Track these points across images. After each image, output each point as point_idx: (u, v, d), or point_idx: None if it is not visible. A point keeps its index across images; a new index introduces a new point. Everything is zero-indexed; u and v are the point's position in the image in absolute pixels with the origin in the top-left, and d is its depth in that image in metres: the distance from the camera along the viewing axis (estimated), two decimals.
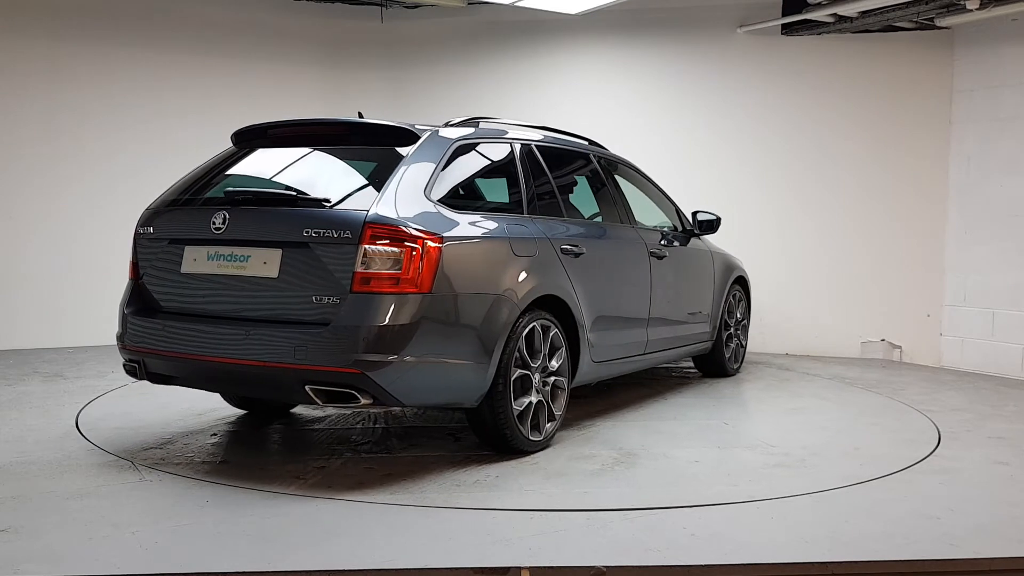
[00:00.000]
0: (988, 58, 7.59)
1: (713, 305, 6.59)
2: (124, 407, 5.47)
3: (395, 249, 3.85)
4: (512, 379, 4.30)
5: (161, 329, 4.24)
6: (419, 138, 4.33)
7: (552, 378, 4.63)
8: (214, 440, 4.73)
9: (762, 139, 8.24)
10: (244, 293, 4.09)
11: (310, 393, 3.90)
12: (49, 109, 7.81)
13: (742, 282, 7.16)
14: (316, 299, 3.90)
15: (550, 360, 4.61)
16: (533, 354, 4.48)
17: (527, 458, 4.42)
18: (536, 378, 4.50)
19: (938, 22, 7.57)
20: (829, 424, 5.37)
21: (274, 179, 4.46)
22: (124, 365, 4.48)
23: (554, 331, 4.62)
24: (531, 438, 4.46)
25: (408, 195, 4.04)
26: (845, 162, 8.10)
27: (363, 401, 3.84)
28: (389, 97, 8.99)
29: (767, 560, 3.18)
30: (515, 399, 4.35)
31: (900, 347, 8.10)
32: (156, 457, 4.35)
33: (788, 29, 7.97)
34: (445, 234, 4.04)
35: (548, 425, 4.60)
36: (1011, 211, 7.47)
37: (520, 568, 3.05)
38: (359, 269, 3.83)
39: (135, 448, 4.51)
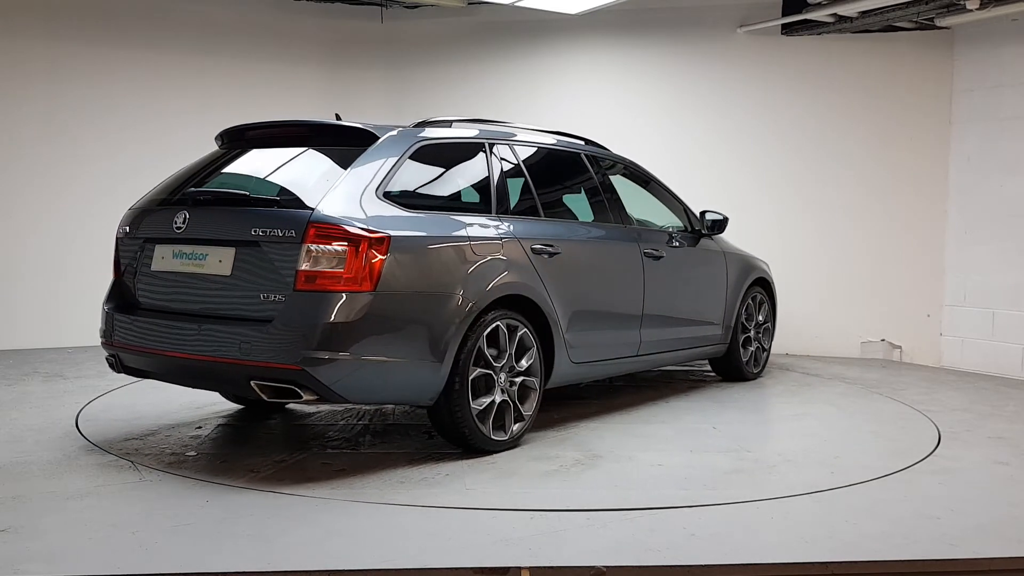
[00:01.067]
0: (988, 58, 7.58)
1: (726, 307, 6.43)
2: (124, 407, 5.47)
3: (338, 248, 3.91)
4: (471, 378, 4.31)
5: (131, 324, 4.41)
6: (378, 139, 4.40)
7: (520, 378, 4.61)
8: (199, 435, 4.73)
9: (762, 139, 8.24)
10: (202, 290, 4.22)
11: (255, 388, 3.98)
12: (49, 109, 7.82)
13: (764, 284, 6.94)
14: (264, 296, 3.99)
15: (519, 360, 4.61)
16: (498, 353, 4.48)
17: (488, 457, 4.41)
18: (502, 377, 4.51)
19: (938, 22, 7.58)
20: (825, 431, 5.24)
21: (238, 179, 4.56)
22: (106, 359, 4.64)
23: (523, 331, 4.61)
24: (494, 437, 4.46)
25: (357, 194, 4.10)
26: (845, 162, 8.10)
27: (306, 397, 3.91)
28: (389, 97, 8.99)
29: (767, 560, 3.18)
30: (475, 398, 4.36)
31: (900, 347, 8.10)
32: (156, 457, 4.35)
33: (788, 29, 7.98)
34: (394, 233, 4.06)
35: (516, 425, 4.59)
36: (1011, 211, 7.47)
37: (520, 568, 3.05)
38: (302, 267, 3.91)
39: (135, 448, 4.51)
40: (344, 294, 3.89)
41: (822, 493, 3.99)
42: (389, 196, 4.21)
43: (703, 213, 6.40)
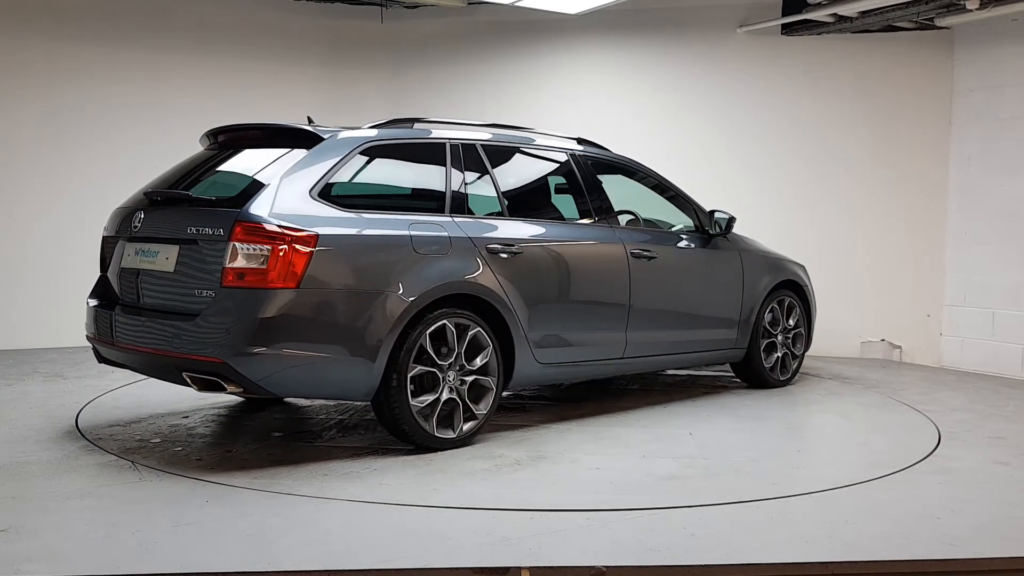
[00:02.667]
0: (988, 58, 7.59)
1: (742, 310, 6.18)
2: (124, 407, 5.47)
3: (262, 246, 4.04)
4: (410, 375, 4.36)
5: (104, 318, 4.65)
6: (322, 140, 4.50)
7: (472, 377, 4.62)
8: (199, 434, 4.73)
9: (762, 139, 8.24)
10: (153, 286, 4.46)
11: (187, 380, 4.19)
12: (50, 109, 7.81)
13: (794, 287, 6.62)
14: (197, 292, 4.18)
15: (473, 359, 4.63)
16: (445, 352, 4.51)
17: (432, 455, 4.44)
18: (451, 376, 4.54)
19: (938, 22, 7.58)
20: (807, 442, 5.04)
21: (194, 180, 4.69)
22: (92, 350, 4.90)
23: (475, 330, 4.62)
24: (439, 435, 4.50)
25: (289, 195, 4.21)
26: (845, 162, 8.11)
27: (230, 389, 4.10)
28: (389, 97, 8.99)
29: (767, 560, 3.18)
30: (416, 396, 4.42)
31: (900, 347, 8.10)
32: (156, 457, 4.35)
33: (788, 29, 7.98)
34: (322, 232, 4.15)
35: (468, 424, 4.61)
36: (1011, 211, 7.47)
37: (520, 568, 3.05)
38: (228, 264, 4.07)
39: (135, 448, 4.51)
40: (266, 291, 4.02)
41: (822, 493, 3.99)
42: (326, 196, 4.32)
43: (711, 213, 6.19)
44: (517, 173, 5.41)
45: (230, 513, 3.56)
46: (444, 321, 4.49)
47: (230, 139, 4.95)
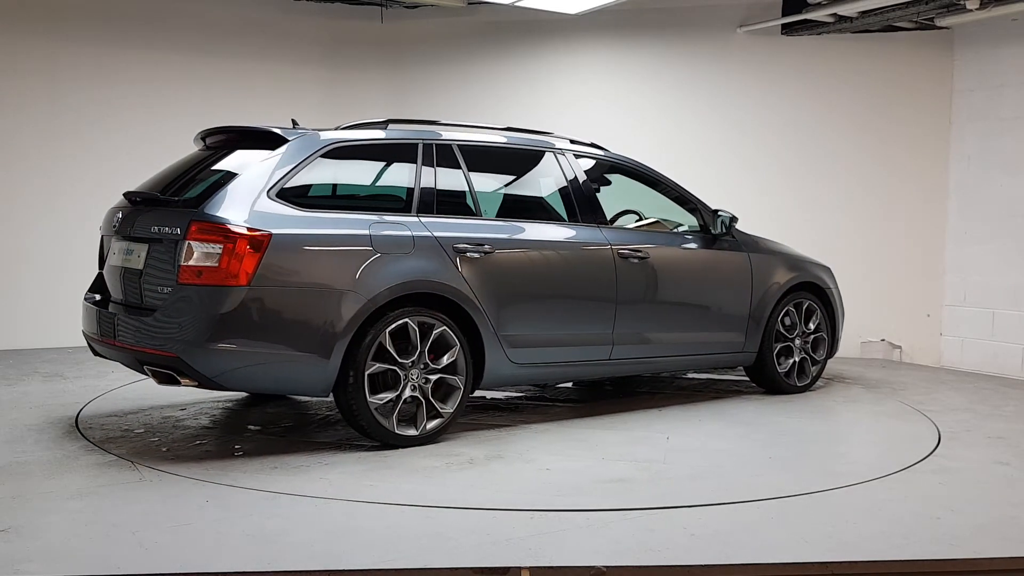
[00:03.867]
0: (988, 58, 7.59)
1: (751, 312, 5.99)
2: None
3: (215, 244, 4.18)
4: (367, 373, 4.43)
5: (88, 313, 4.91)
6: (287, 142, 4.60)
7: (437, 376, 4.65)
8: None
9: (762, 138, 8.24)
10: (129, 283, 4.64)
11: (148, 373, 4.39)
12: (50, 110, 7.81)
13: (815, 289, 6.40)
14: (160, 289, 4.36)
15: (440, 358, 4.66)
16: (407, 350, 4.56)
17: (390, 451, 4.49)
18: (415, 374, 4.58)
19: (938, 22, 7.58)
20: (789, 449, 4.77)
21: (175, 180, 4.81)
22: None
23: (441, 329, 4.65)
24: (399, 432, 4.55)
25: (245, 195, 4.34)
26: (845, 162, 8.11)
27: (184, 382, 4.26)
28: (389, 97, 8.98)
29: (767, 560, 3.18)
30: (376, 393, 4.49)
31: (900, 347, 8.10)
32: (156, 456, 4.35)
33: (788, 29, 7.98)
34: (276, 231, 4.26)
35: (434, 423, 4.65)
36: (1011, 211, 7.47)
37: (520, 568, 3.05)
38: (183, 262, 4.22)
39: (135, 448, 4.51)
40: (219, 288, 4.15)
41: (822, 493, 3.99)
42: (285, 196, 4.42)
43: (715, 213, 6.04)
44: (496, 173, 5.46)
45: (230, 513, 3.57)
46: (406, 320, 4.54)
47: (214, 141, 5.05)
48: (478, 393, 6.07)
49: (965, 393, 6.57)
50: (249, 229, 4.21)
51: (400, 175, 4.92)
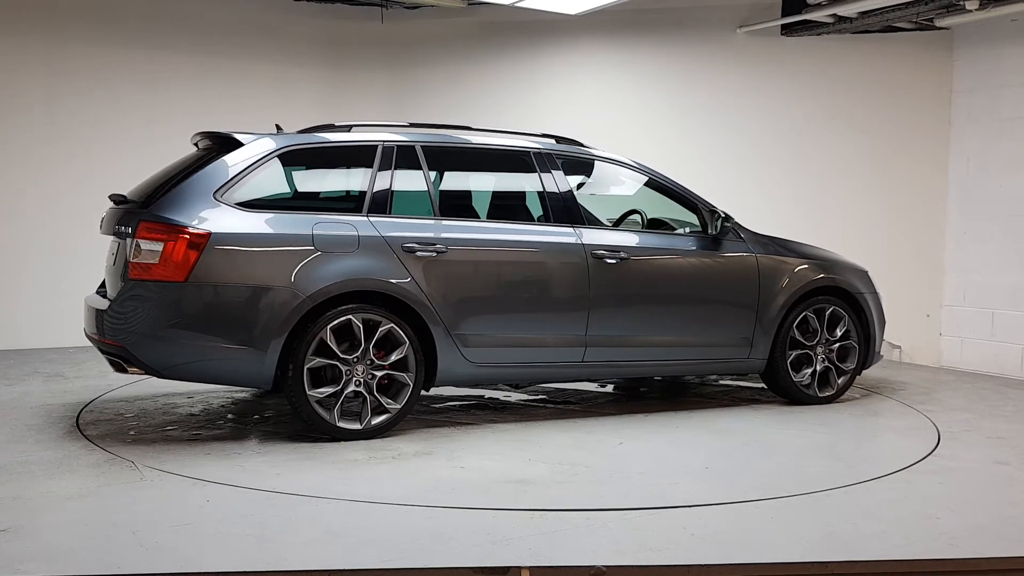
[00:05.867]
0: (988, 58, 7.59)
1: (758, 317, 5.69)
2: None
3: (157, 242, 4.49)
4: (307, 367, 4.59)
5: (86, 309, 5.04)
6: (242, 145, 4.83)
7: (383, 372, 4.74)
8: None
9: (761, 139, 8.24)
10: (111, 279, 4.93)
11: (108, 361, 4.75)
12: (51, 111, 7.81)
13: (840, 293, 5.98)
14: (120, 283, 4.63)
15: (388, 355, 4.75)
16: (350, 346, 4.68)
17: (324, 444, 4.63)
18: (360, 370, 4.70)
19: (938, 22, 7.58)
20: (729, 459, 4.57)
21: (154, 182, 4.98)
22: None
23: (388, 326, 4.73)
24: (341, 425, 4.69)
25: (194, 196, 4.62)
26: (844, 162, 8.11)
27: (131, 371, 4.61)
28: (389, 97, 8.99)
29: (767, 560, 3.19)
30: (317, 387, 4.64)
31: (900, 347, 8.10)
32: (156, 456, 4.36)
33: (788, 30, 7.98)
34: (216, 230, 4.51)
35: (380, 418, 4.75)
36: (1011, 211, 7.47)
37: (520, 568, 3.05)
38: (131, 259, 4.54)
39: (136, 447, 4.52)
40: (160, 283, 4.48)
41: (822, 493, 3.99)
42: (231, 197, 4.65)
43: (712, 212, 5.82)
44: (464, 175, 5.53)
45: (230, 513, 3.57)
46: (349, 317, 4.66)
47: (201, 144, 5.22)
48: (477, 392, 6.09)
49: (965, 393, 6.57)
50: (188, 228, 4.48)
51: (355, 177, 5.05)
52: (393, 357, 4.76)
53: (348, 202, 4.98)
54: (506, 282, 5.16)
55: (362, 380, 4.71)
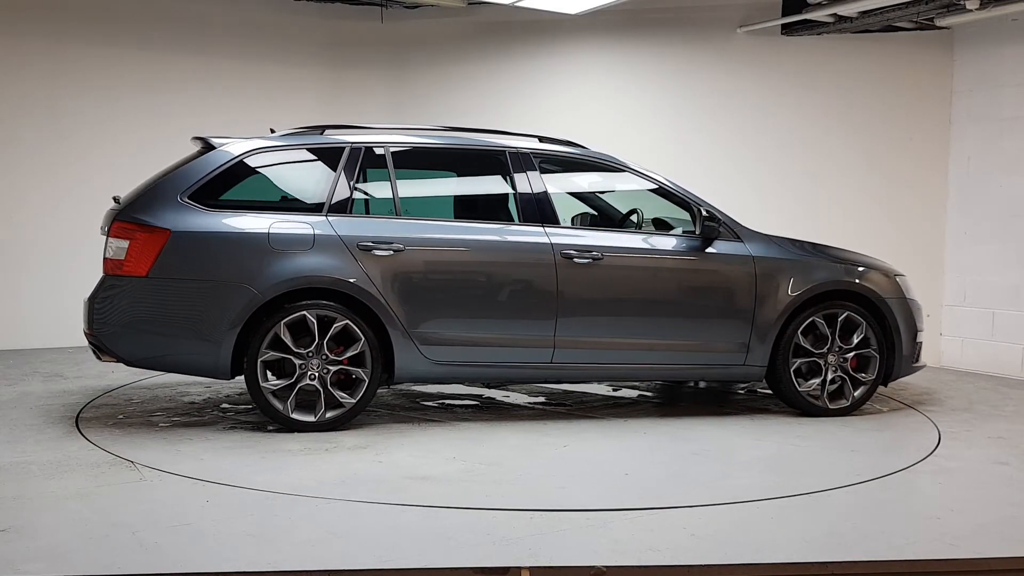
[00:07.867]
0: (988, 58, 7.59)
1: (754, 321, 5.45)
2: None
3: (124, 240, 4.84)
4: (261, 360, 4.81)
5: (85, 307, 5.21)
6: (214, 148, 5.07)
7: (337, 367, 4.90)
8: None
9: (761, 139, 8.23)
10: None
11: (91, 349, 5.04)
12: (51, 112, 7.81)
13: (858, 298, 5.66)
14: (103, 279, 4.94)
15: (347, 350, 4.91)
16: (304, 341, 4.86)
17: (274, 435, 4.82)
18: (314, 364, 4.87)
19: (938, 22, 7.58)
20: (663, 467, 4.43)
21: (142, 184, 5.19)
22: None
23: (343, 322, 4.89)
24: (295, 417, 4.88)
25: (160, 197, 4.92)
26: (844, 162, 8.10)
27: (104, 358, 4.93)
28: (389, 97, 8.99)
29: (767, 560, 3.18)
30: (268, 379, 4.85)
31: None
32: (156, 456, 4.36)
33: (788, 29, 7.97)
34: (176, 229, 4.80)
35: (333, 412, 4.91)
36: (1011, 211, 7.47)
37: (520, 568, 3.05)
38: (105, 255, 4.94)
39: (135, 448, 4.51)
40: (124, 278, 4.82)
41: (822, 493, 3.99)
42: (196, 197, 4.91)
43: (700, 212, 5.65)
44: (429, 175, 5.66)
45: (230, 513, 3.57)
46: (304, 312, 4.84)
47: (195, 147, 5.30)
48: (477, 390, 6.09)
49: (965, 393, 6.57)
50: (151, 227, 4.80)
51: (319, 178, 5.16)
52: (348, 353, 4.92)
53: (311, 202, 5.12)
54: (466, 281, 5.22)
55: (317, 374, 4.87)
